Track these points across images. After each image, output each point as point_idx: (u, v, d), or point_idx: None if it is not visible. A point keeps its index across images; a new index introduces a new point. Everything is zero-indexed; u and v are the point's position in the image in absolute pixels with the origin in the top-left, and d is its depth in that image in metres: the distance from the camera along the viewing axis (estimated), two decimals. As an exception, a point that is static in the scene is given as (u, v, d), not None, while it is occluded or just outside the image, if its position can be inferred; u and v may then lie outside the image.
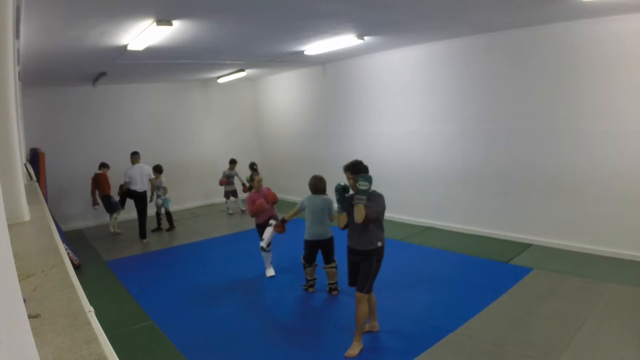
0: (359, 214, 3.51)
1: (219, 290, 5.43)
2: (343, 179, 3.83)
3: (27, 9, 3.35)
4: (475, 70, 6.59)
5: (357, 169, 3.68)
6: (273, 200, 5.51)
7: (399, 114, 7.84)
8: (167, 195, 8.41)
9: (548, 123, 5.86)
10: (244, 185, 9.42)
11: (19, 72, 4.68)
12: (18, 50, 4.14)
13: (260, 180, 5.56)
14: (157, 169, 8.22)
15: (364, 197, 3.51)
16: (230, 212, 9.65)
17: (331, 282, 4.96)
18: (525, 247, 6.07)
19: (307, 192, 4.96)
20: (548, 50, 5.73)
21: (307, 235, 4.93)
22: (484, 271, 5.41)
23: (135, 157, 7.76)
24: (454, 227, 7.16)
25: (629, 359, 3.26)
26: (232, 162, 9.53)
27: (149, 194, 7.98)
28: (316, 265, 5.05)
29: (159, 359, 3.84)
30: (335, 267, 4.94)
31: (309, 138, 10.03)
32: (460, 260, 5.83)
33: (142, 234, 7.83)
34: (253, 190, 5.55)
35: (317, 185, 4.86)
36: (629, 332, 3.60)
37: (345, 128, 8.97)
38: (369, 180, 3.56)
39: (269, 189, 5.62)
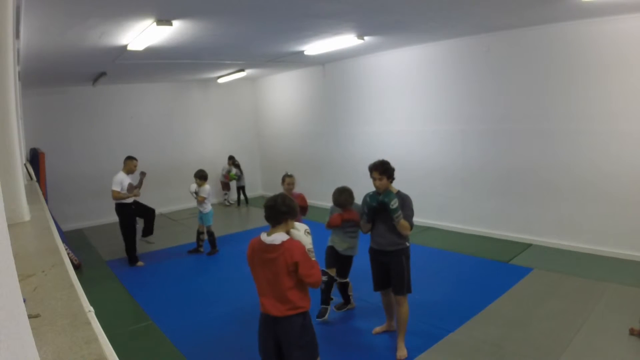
0: (405, 228, 3.52)
1: (219, 290, 5.42)
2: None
3: (27, 9, 3.36)
4: (475, 70, 6.58)
5: (385, 168, 3.68)
6: (301, 204, 4.52)
7: (399, 114, 7.84)
8: (206, 208, 6.75)
9: (549, 123, 5.86)
10: (225, 174, 10.37)
11: (19, 72, 4.68)
12: (18, 50, 4.15)
13: (291, 183, 4.88)
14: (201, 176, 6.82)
15: (400, 213, 3.48)
16: (227, 203, 10.55)
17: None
18: (525, 247, 6.07)
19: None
20: (549, 50, 5.73)
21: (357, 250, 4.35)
22: (484, 271, 5.41)
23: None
24: (454, 227, 7.16)
25: (629, 359, 3.26)
26: (231, 159, 10.56)
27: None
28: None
29: (159, 359, 3.84)
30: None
31: (308, 138, 10.03)
32: (460, 260, 5.83)
33: (131, 258, 6.38)
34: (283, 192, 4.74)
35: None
36: (629, 332, 3.60)
37: (345, 128, 8.96)
38: (392, 196, 3.50)
39: (300, 195, 4.88)
